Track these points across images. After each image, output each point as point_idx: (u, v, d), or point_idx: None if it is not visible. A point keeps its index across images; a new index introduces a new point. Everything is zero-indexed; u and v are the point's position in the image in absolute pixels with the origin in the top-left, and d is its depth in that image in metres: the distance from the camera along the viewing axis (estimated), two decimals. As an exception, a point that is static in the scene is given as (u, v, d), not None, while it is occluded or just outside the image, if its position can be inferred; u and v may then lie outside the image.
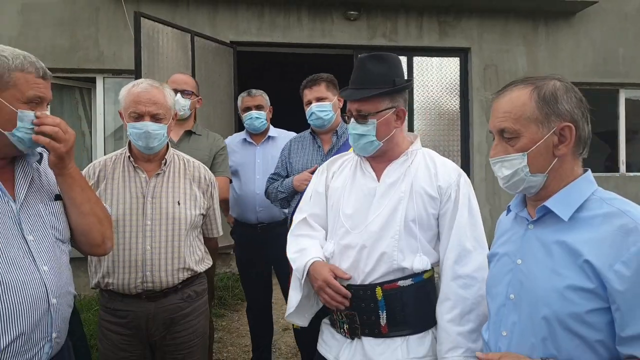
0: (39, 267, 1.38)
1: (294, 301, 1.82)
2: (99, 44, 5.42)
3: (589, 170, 1.25)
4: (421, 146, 1.83)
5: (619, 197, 1.18)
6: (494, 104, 1.26)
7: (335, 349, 1.77)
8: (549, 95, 1.19)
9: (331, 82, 2.82)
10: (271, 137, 3.43)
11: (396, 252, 1.67)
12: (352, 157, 1.88)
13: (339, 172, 1.89)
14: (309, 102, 2.79)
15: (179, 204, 2.06)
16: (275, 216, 3.30)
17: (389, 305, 1.67)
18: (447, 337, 1.60)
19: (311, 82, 2.81)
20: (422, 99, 6.20)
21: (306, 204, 1.94)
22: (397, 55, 1.80)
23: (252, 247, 3.33)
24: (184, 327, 2.07)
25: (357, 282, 1.71)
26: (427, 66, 6.24)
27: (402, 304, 1.68)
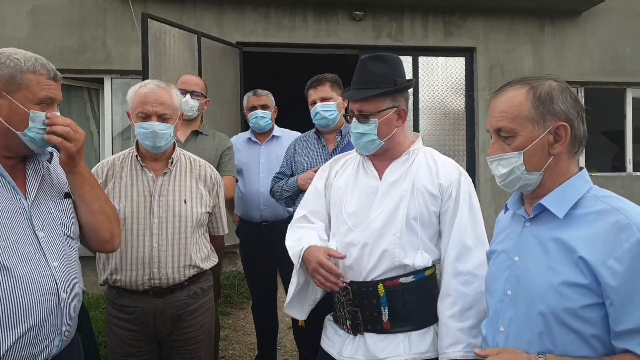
0: (49, 262, 1.42)
1: (292, 291, 1.85)
2: (107, 45, 5.48)
3: (584, 168, 1.27)
4: (423, 145, 1.86)
5: (614, 195, 1.21)
6: (492, 103, 1.29)
7: (338, 345, 1.80)
8: (544, 95, 1.22)
9: (336, 83, 2.85)
10: (276, 137, 3.47)
11: (398, 250, 1.70)
12: (355, 157, 1.91)
13: (342, 171, 1.92)
14: (314, 102, 2.83)
15: (185, 202, 2.10)
16: (279, 215, 3.33)
17: (391, 302, 1.70)
18: (448, 333, 1.63)
19: (316, 83, 2.84)
20: (428, 99, 6.21)
21: (307, 201, 1.98)
22: (398, 56, 1.83)
23: (257, 246, 3.36)
24: (191, 323, 2.11)
25: (360, 279, 1.74)
26: (433, 66, 6.24)
27: (404, 300, 1.71)
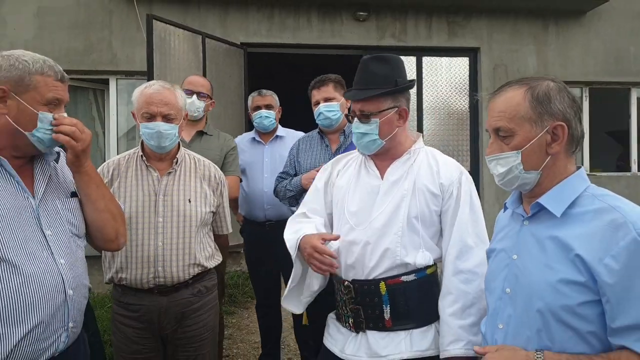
0: (56, 260, 1.45)
1: (290, 283, 1.88)
2: (112, 46, 5.52)
3: (582, 167, 1.29)
4: (423, 145, 1.88)
5: (611, 194, 1.23)
6: (490, 103, 1.31)
7: (340, 343, 1.82)
8: (542, 95, 1.23)
9: (339, 83, 2.87)
10: (279, 137, 3.49)
11: (399, 248, 1.72)
12: (357, 156, 1.93)
13: (344, 170, 1.94)
14: (317, 103, 2.85)
15: (189, 201, 2.13)
16: (283, 214, 3.35)
17: (393, 299, 1.72)
18: (448, 330, 1.65)
19: (319, 83, 2.86)
20: (432, 99, 6.22)
21: (307, 200, 2.01)
22: (401, 56, 1.85)
23: (261, 245, 3.38)
24: (195, 320, 2.13)
25: (362, 278, 1.76)
26: (437, 66, 6.25)
27: (405, 298, 1.72)
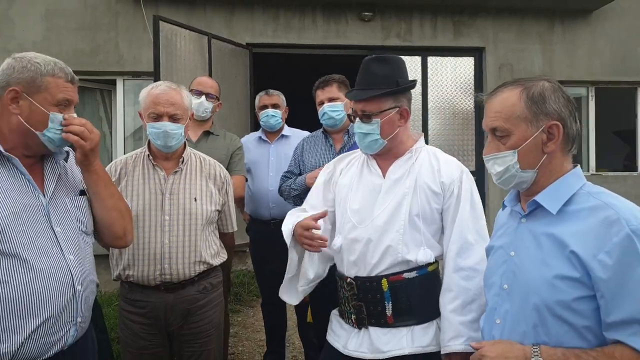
0: (65, 256, 1.49)
1: (286, 274, 1.93)
2: (119, 47, 5.58)
3: (578, 165, 1.31)
4: (425, 144, 1.90)
5: (606, 191, 1.25)
6: (487, 104, 1.33)
7: (343, 339, 1.85)
8: (537, 95, 1.26)
9: (343, 83, 2.90)
10: (285, 136, 3.53)
11: (401, 246, 1.74)
12: (360, 155, 1.96)
13: (347, 169, 1.97)
14: (322, 103, 2.88)
15: (195, 200, 2.16)
16: (287, 212, 3.38)
17: (395, 296, 1.75)
18: (449, 327, 1.67)
19: (323, 83, 2.90)
20: (437, 99, 6.22)
21: (309, 197, 2.06)
22: (404, 56, 1.88)
23: (266, 243, 3.41)
24: (201, 317, 2.17)
25: (364, 274, 1.79)
26: (442, 66, 6.25)
27: (407, 295, 1.75)
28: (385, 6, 5.97)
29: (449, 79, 6.27)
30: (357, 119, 1.82)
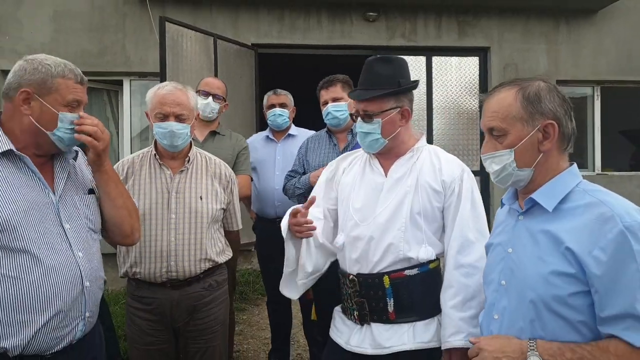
0: (74, 252, 1.54)
1: (285, 268, 1.96)
2: (125, 48, 5.63)
3: (574, 164, 1.34)
4: (426, 143, 1.93)
5: (602, 189, 1.27)
6: (484, 104, 1.36)
7: (346, 335, 1.88)
8: (532, 95, 1.29)
9: (346, 83, 2.93)
10: (291, 135, 3.56)
11: (402, 243, 1.77)
12: (362, 154, 1.99)
13: (350, 168, 2.00)
14: (326, 102, 2.91)
15: (201, 198, 2.20)
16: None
17: (396, 293, 1.78)
18: (450, 323, 1.70)
19: (327, 83, 2.93)
20: (441, 99, 6.22)
21: (312, 194, 2.06)
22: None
23: (272, 241, 3.43)
24: (206, 314, 2.21)
25: (366, 272, 1.82)
26: (446, 66, 6.24)
27: (408, 292, 1.78)
28: (389, 6, 5.98)
29: (453, 79, 6.27)
30: (359, 119, 1.85)
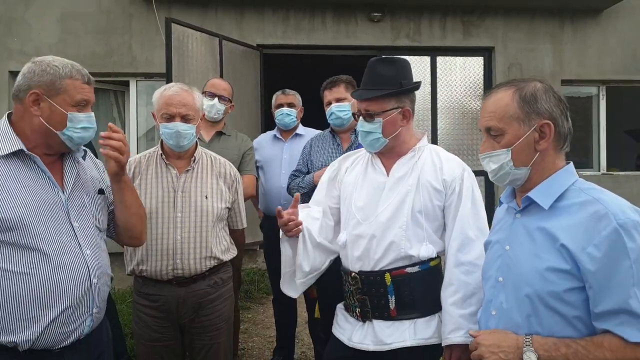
0: (83, 250, 1.58)
1: (282, 267, 1.99)
2: (132, 49, 5.69)
3: (571, 163, 1.37)
4: (427, 143, 1.96)
5: (597, 187, 1.30)
6: (482, 104, 1.39)
7: (348, 331, 1.91)
8: (529, 95, 1.32)
9: (350, 84, 2.96)
10: (298, 135, 3.59)
11: (404, 241, 1.80)
12: (364, 154, 2.02)
13: (352, 167, 2.03)
14: (329, 103, 2.94)
15: (206, 197, 2.24)
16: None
17: (398, 290, 1.81)
18: (450, 319, 1.73)
19: (331, 84, 2.96)
20: (446, 99, 6.23)
21: (314, 194, 2.12)
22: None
23: (279, 240, 3.48)
24: (211, 310, 2.24)
25: (368, 269, 1.85)
26: (451, 66, 6.25)
27: (410, 289, 1.81)
28: (394, 7, 6.00)
29: (458, 79, 6.28)
30: (361, 118, 1.88)
